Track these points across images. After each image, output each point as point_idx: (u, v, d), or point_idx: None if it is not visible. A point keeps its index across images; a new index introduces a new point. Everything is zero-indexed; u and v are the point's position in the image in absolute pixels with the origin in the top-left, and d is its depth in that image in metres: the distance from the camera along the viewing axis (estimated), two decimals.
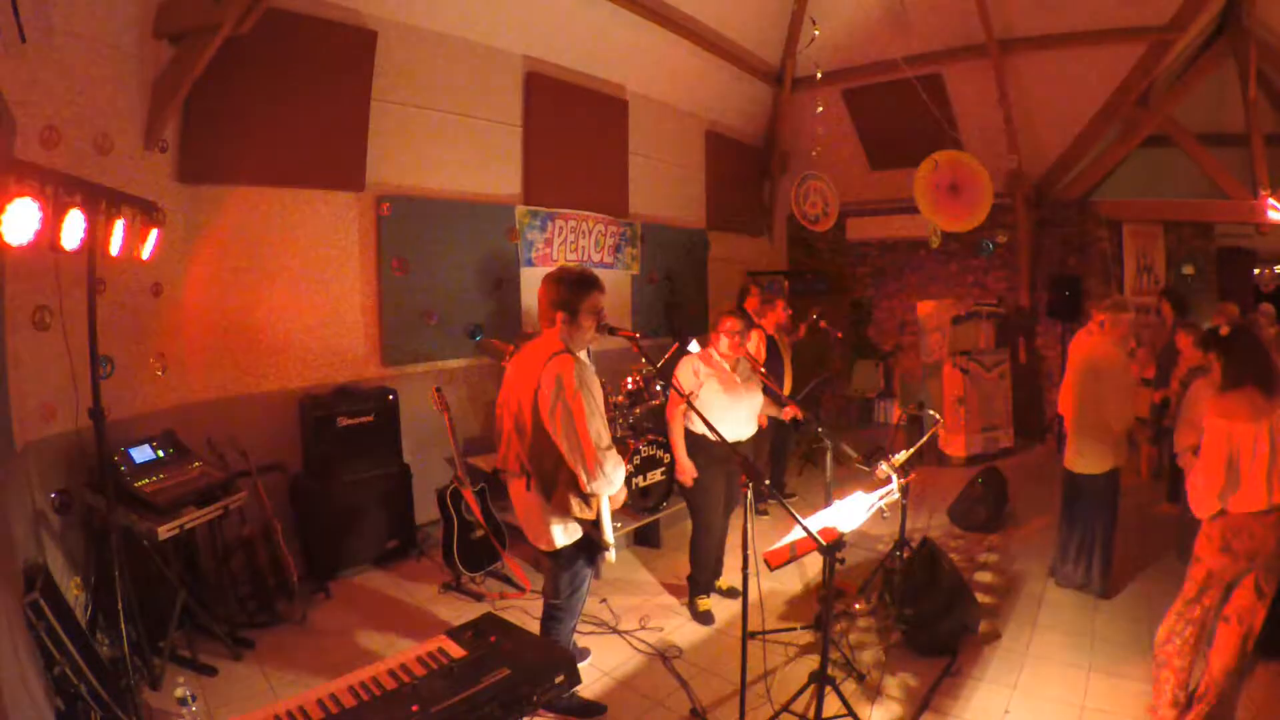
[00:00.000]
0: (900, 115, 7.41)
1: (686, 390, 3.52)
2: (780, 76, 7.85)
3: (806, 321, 6.01)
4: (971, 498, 5.03)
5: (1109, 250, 7.55)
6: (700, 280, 7.77)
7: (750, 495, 2.58)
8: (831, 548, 2.40)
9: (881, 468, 3.49)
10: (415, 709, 1.73)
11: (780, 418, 4.18)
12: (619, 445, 4.41)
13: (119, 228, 2.77)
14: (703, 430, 3.49)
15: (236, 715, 2.87)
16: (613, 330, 2.79)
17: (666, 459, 4.75)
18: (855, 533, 2.88)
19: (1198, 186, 6.90)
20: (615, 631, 3.64)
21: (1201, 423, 2.67)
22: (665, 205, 7.18)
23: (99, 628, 2.96)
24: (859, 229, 8.44)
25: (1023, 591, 4.02)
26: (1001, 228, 7.58)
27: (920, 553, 3.63)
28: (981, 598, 3.77)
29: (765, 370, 4.11)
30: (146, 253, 3.04)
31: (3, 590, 2.19)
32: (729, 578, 4.07)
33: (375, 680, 1.92)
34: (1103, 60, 6.36)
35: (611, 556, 2.93)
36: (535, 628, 2.99)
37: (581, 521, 2.73)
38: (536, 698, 1.91)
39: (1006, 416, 7.04)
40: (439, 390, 4.14)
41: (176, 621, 3.18)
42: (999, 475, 5.19)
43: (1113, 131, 6.83)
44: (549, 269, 2.90)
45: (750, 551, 2.49)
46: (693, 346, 3.44)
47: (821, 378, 5.43)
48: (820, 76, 6.95)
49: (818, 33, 6.62)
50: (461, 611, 3.79)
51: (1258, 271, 9.03)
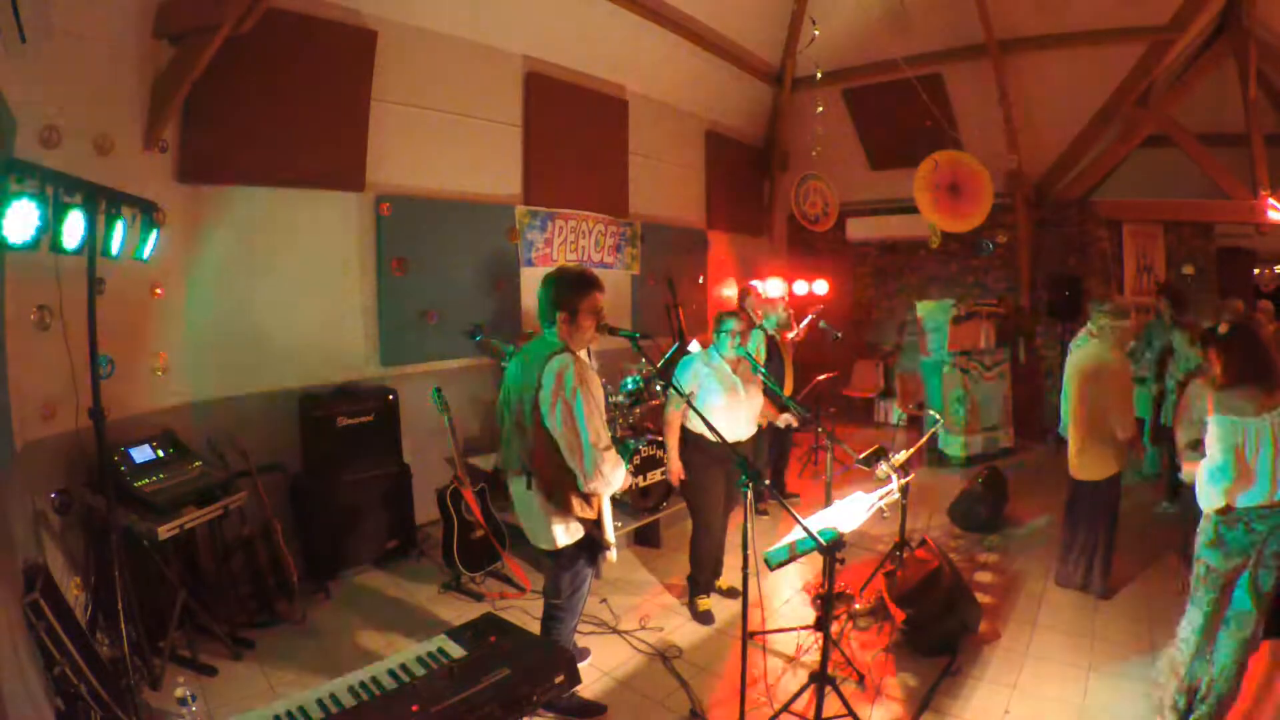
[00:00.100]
0: (900, 115, 7.41)
1: (686, 390, 3.52)
2: (780, 76, 7.86)
3: (808, 322, 6.01)
4: (971, 498, 5.02)
5: (1109, 250, 7.55)
6: (700, 280, 7.77)
7: (750, 495, 2.58)
8: (831, 548, 2.40)
9: (881, 467, 3.49)
10: (415, 709, 1.74)
11: (776, 424, 4.15)
12: (618, 445, 4.42)
13: (119, 228, 2.78)
14: (702, 430, 3.49)
15: (236, 715, 2.88)
16: (613, 330, 2.79)
17: (666, 460, 4.75)
18: (855, 533, 2.88)
19: (1198, 186, 6.90)
20: (615, 631, 3.64)
21: (1202, 420, 2.67)
22: (665, 205, 7.18)
23: (99, 628, 2.95)
24: (859, 229, 8.44)
25: (1023, 591, 4.02)
26: (1001, 228, 7.58)
27: (920, 553, 3.63)
28: (981, 598, 3.77)
29: (765, 371, 4.10)
30: (146, 253, 3.06)
31: (3, 590, 2.19)
32: (729, 578, 4.06)
33: (375, 680, 1.92)
34: (1103, 60, 6.37)
35: (612, 556, 2.93)
36: (535, 628, 2.99)
37: (583, 521, 2.73)
38: (536, 698, 1.91)
39: (1006, 416, 7.05)
40: (439, 390, 4.14)
41: (176, 621, 3.18)
42: (999, 475, 5.19)
43: (1113, 131, 6.83)
44: (549, 269, 2.89)
45: (750, 551, 2.49)
46: (693, 346, 3.45)
47: (821, 378, 5.43)
48: (820, 76, 6.96)
49: (818, 33, 6.63)
50: (461, 611, 3.78)
51: (1258, 271, 9.04)
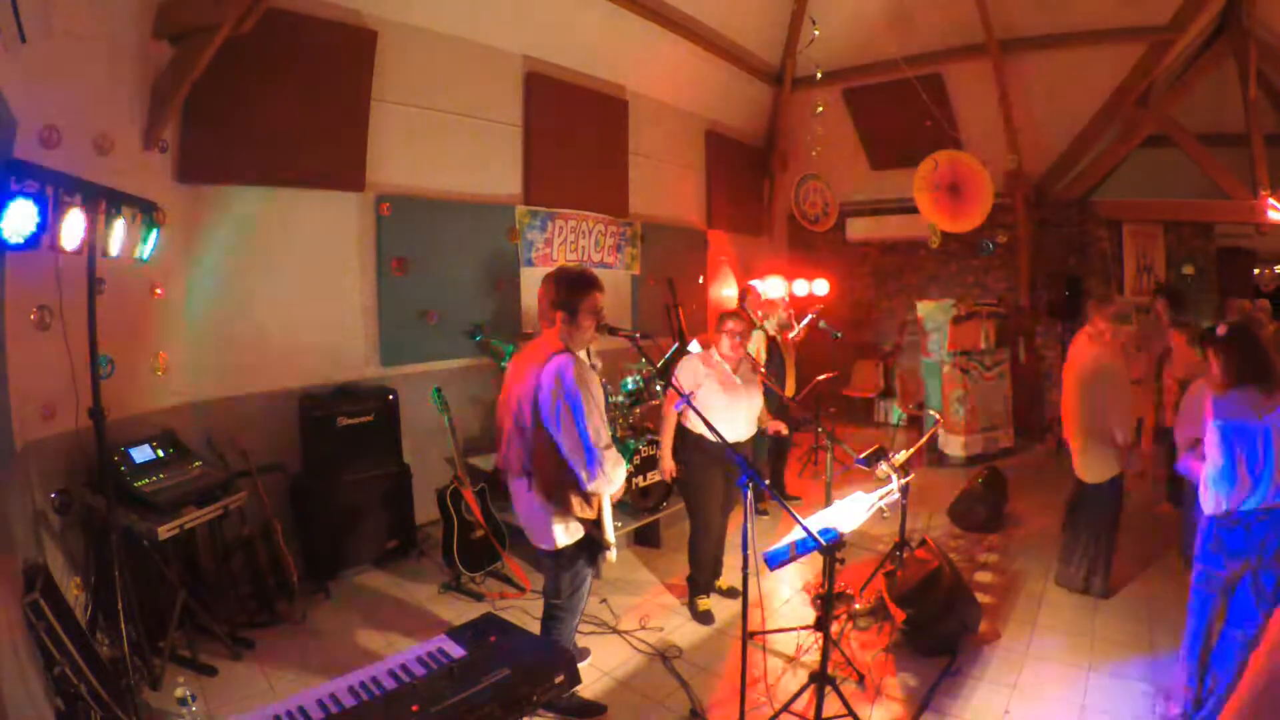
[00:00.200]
0: (900, 115, 7.41)
1: (687, 390, 3.51)
2: (780, 76, 7.86)
3: (807, 322, 6.01)
4: (971, 498, 5.03)
5: (1109, 250, 7.55)
6: (700, 280, 7.77)
7: (750, 495, 2.58)
8: (831, 548, 2.40)
9: (881, 467, 3.49)
10: (415, 709, 1.73)
11: (764, 430, 4.07)
12: (618, 445, 4.42)
13: (119, 228, 2.78)
14: (702, 430, 3.49)
15: (236, 715, 2.88)
16: (613, 330, 2.79)
17: None
18: (855, 533, 2.88)
19: (1198, 186, 6.90)
20: (615, 631, 3.64)
21: (1202, 420, 2.67)
22: (665, 205, 7.18)
23: (99, 628, 2.95)
24: (859, 229, 8.44)
25: (1023, 591, 4.02)
26: (1001, 228, 7.58)
27: (920, 553, 3.63)
28: (981, 598, 3.77)
29: (766, 371, 4.10)
30: (146, 253, 3.05)
31: (3, 590, 2.19)
32: (729, 578, 4.06)
33: (375, 680, 1.92)
34: (1103, 60, 6.37)
35: (612, 556, 2.93)
36: (535, 628, 2.99)
37: (583, 521, 2.73)
38: (536, 698, 1.91)
39: (1006, 416, 7.05)
40: (439, 390, 4.14)
41: (176, 621, 3.18)
42: (999, 475, 5.19)
43: (1113, 131, 6.84)
44: (549, 269, 2.89)
45: (750, 551, 2.49)
46: (693, 346, 3.45)
47: (821, 378, 5.42)
48: (820, 76, 6.96)
49: (818, 33, 6.63)
50: (461, 611, 3.79)
51: (1258, 271, 9.03)
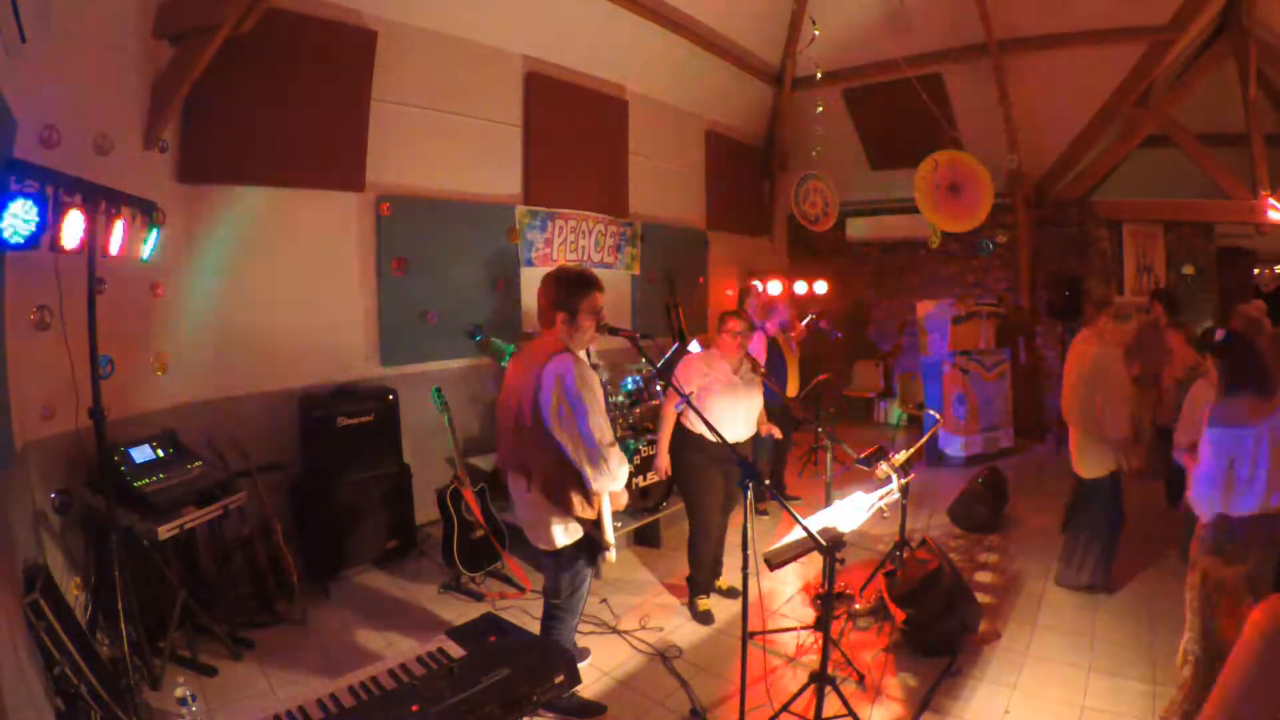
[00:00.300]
0: (900, 115, 7.41)
1: (686, 390, 3.52)
2: (780, 76, 7.85)
3: (807, 322, 6.01)
4: (971, 498, 5.03)
5: (1109, 250, 7.55)
6: (700, 280, 7.77)
7: (750, 495, 2.58)
8: (831, 548, 2.40)
9: (881, 467, 3.49)
10: (415, 709, 1.73)
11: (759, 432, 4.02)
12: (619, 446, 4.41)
13: (119, 228, 2.78)
14: (702, 430, 3.49)
15: (236, 715, 2.88)
16: (613, 330, 2.79)
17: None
18: (855, 533, 2.88)
19: (1198, 186, 6.90)
20: (615, 631, 3.64)
21: (1202, 423, 2.67)
22: (665, 205, 7.17)
23: (99, 628, 2.95)
24: (859, 229, 8.44)
25: (1023, 591, 4.02)
26: (1001, 228, 7.58)
27: (920, 553, 3.63)
28: (981, 598, 3.77)
29: (766, 371, 4.10)
30: (146, 253, 3.06)
31: (3, 590, 2.19)
32: (729, 578, 4.06)
33: (375, 680, 1.92)
34: (1103, 60, 6.36)
35: (612, 556, 2.93)
36: (535, 628, 2.99)
37: (582, 521, 2.73)
38: (536, 698, 1.91)
39: (1006, 416, 7.05)
40: (439, 390, 4.14)
41: (176, 621, 3.18)
42: (999, 475, 5.19)
43: (1113, 131, 6.84)
44: (549, 269, 2.89)
45: (750, 551, 2.49)
46: (693, 346, 3.45)
47: (821, 378, 5.43)
48: (820, 76, 6.95)
49: (818, 33, 6.62)
50: (461, 611, 3.79)
51: (1258, 271, 9.03)
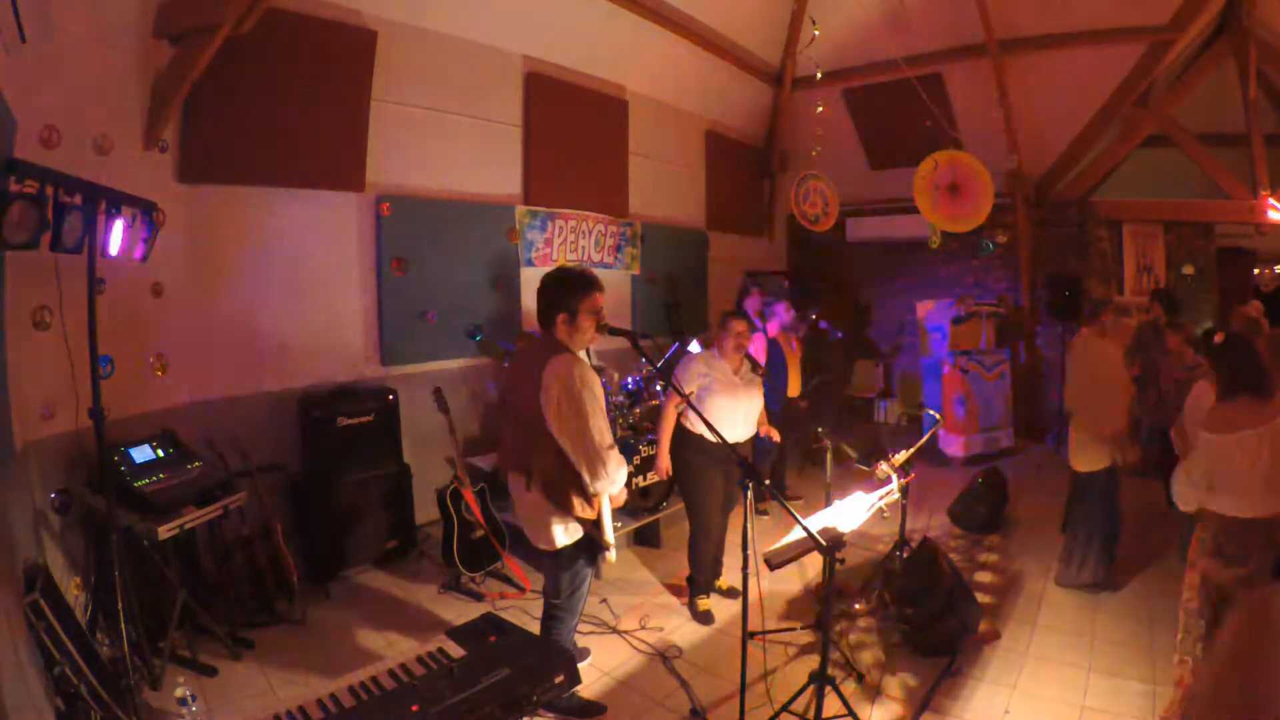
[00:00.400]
0: (900, 115, 7.40)
1: (686, 390, 3.52)
2: (780, 76, 7.85)
3: (806, 322, 6.01)
4: (971, 498, 5.03)
5: (1109, 250, 7.55)
6: (700, 280, 7.77)
7: (750, 495, 2.58)
8: (831, 548, 2.40)
9: (881, 467, 3.49)
10: (415, 709, 1.73)
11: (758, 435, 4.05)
12: (619, 446, 4.41)
13: (119, 228, 2.78)
14: (702, 430, 3.49)
15: (236, 715, 2.88)
16: (613, 330, 2.79)
17: None
18: (855, 533, 2.88)
19: (1198, 186, 6.90)
20: (615, 631, 3.64)
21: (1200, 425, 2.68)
22: (665, 205, 7.17)
23: (99, 628, 2.96)
24: (859, 229, 8.44)
25: (1023, 591, 4.02)
26: (1001, 228, 7.58)
27: (920, 553, 3.63)
28: (981, 598, 3.77)
29: (766, 371, 4.10)
30: (146, 253, 3.06)
31: (3, 590, 2.19)
32: (729, 578, 4.07)
33: (375, 680, 1.92)
34: (1103, 60, 6.36)
35: (612, 556, 2.93)
36: (535, 628, 2.99)
37: (582, 521, 2.73)
38: (536, 698, 1.91)
39: (1006, 416, 7.05)
40: (439, 390, 4.14)
41: (176, 621, 3.18)
42: (999, 475, 5.19)
43: (1113, 131, 6.83)
44: (549, 269, 2.89)
45: (750, 551, 2.49)
46: (693, 347, 3.45)
47: (820, 378, 5.43)
48: (820, 76, 6.95)
49: (818, 33, 6.61)
50: (461, 611, 3.79)
51: (1258, 271, 9.04)
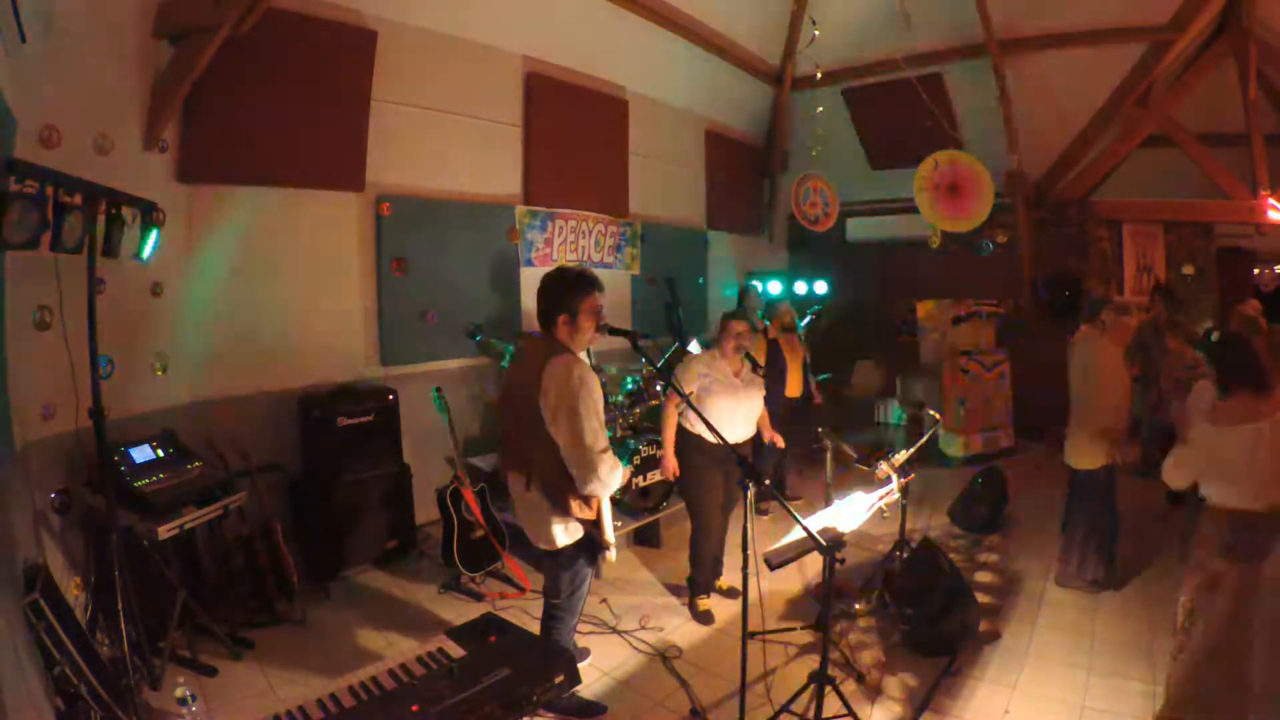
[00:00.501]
0: (900, 115, 7.40)
1: (686, 390, 3.52)
2: (780, 76, 7.85)
3: (807, 323, 6.01)
4: (971, 498, 5.03)
5: (1109, 250, 7.55)
6: (700, 280, 7.77)
7: (750, 495, 2.58)
8: (831, 548, 2.40)
9: (881, 467, 3.49)
10: (415, 709, 1.74)
11: (762, 440, 4.15)
12: (618, 445, 4.42)
13: (119, 228, 2.78)
14: (701, 430, 3.49)
15: (236, 715, 2.88)
16: (613, 330, 2.79)
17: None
18: (855, 533, 2.88)
19: (1198, 186, 6.90)
20: (615, 631, 3.64)
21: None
22: (665, 205, 7.18)
23: (99, 628, 2.95)
24: (859, 229, 8.44)
25: (1023, 591, 4.02)
26: (1001, 228, 7.58)
27: (920, 553, 3.63)
28: (981, 598, 3.77)
29: (766, 372, 4.10)
30: (146, 253, 3.06)
31: (3, 590, 2.19)
32: (729, 577, 4.06)
33: (375, 680, 1.92)
34: (1103, 60, 6.37)
35: (612, 556, 2.93)
36: (535, 628, 2.99)
37: (582, 521, 2.73)
38: (536, 698, 1.91)
39: (1006, 416, 7.05)
40: (439, 390, 4.14)
41: (176, 621, 3.18)
42: (999, 475, 5.19)
43: (1113, 131, 6.83)
44: (549, 269, 2.89)
45: (750, 551, 2.49)
46: (693, 347, 3.45)
47: (830, 375, 5.42)
48: (820, 76, 6.95)
49: (818, 33, 6.62)
50: (461, 611, 3.79)
51: (1258, 271, 9.04)
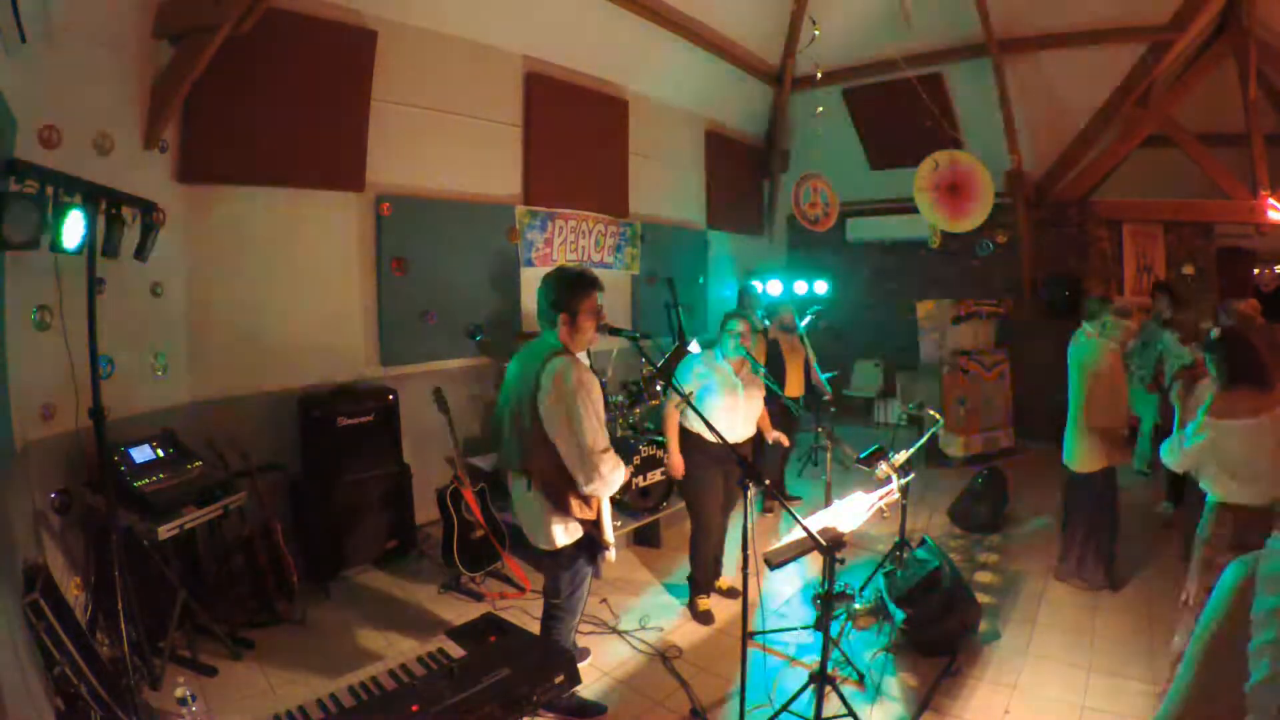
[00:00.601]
0: (900, 115, 7.41)
1: (686, 390, 3.51)
2: (780, 76, 7.85)
3: (807, 323, 6.00)
4: (971, 498, 5.03)
5: (1109, 250, 7.54)
6: (700, 280, 7.77)
7: (750, 496, 2.58)
8: (831, 548, 2.40)
9: (881, 467, 3.49)
10: (415, 709, 1.74)
11: (766, 440, 4.19)
12: (618, 446, 4.42)
13: (119, 228, 2.78)
14: (701, 430, 3.49)
15: (236, 715, 2.88)
16: (613, 330, 2.79)
17: (666, 458, 4.74)
18: (855, 533, 2.87)
19: (1198, 186, 6.90)
20: (615, 631, 3.64)
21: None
22: (665, 205, 7.18)
23: (99, 628, 2.95)
24: (859, 229, 8.44)
25: (1023, 591, 4.03)
26: (1001, 228, 7.57)
27: (920, 553, 3.63)
28: (981, 598, 3.77)
29: (765, 373, 4.10)
30: (146, 253, 3.06)
31: (3, 590, 2.19)
32: (729, 577, 4.06)
33: (375, 680, 1.92)
34: (1103, 60, 6.36)
35: (612, 556, 2.93)
36: (535, 628, 2.99)
37: (582, 521, 2.73)
38: (536, 698, 1.91)
39: (1006, 416, 7.05)
40: (439, 390, 4.14)
41: (176, 621, 3.18)
42: (999, 475, 5.20)
43: (1113, 131, 6.83)
44: (549, 269, 2.89)
45: (750, 551, 2.49)
46: (693, 346, 3.45)
47: (834, 373, 5.42)
48: (820, 76, 6.95)
49: (818, 33, 6.61)
50: (461, 611, 3.78)
51: (1258, 271, 9.04)
